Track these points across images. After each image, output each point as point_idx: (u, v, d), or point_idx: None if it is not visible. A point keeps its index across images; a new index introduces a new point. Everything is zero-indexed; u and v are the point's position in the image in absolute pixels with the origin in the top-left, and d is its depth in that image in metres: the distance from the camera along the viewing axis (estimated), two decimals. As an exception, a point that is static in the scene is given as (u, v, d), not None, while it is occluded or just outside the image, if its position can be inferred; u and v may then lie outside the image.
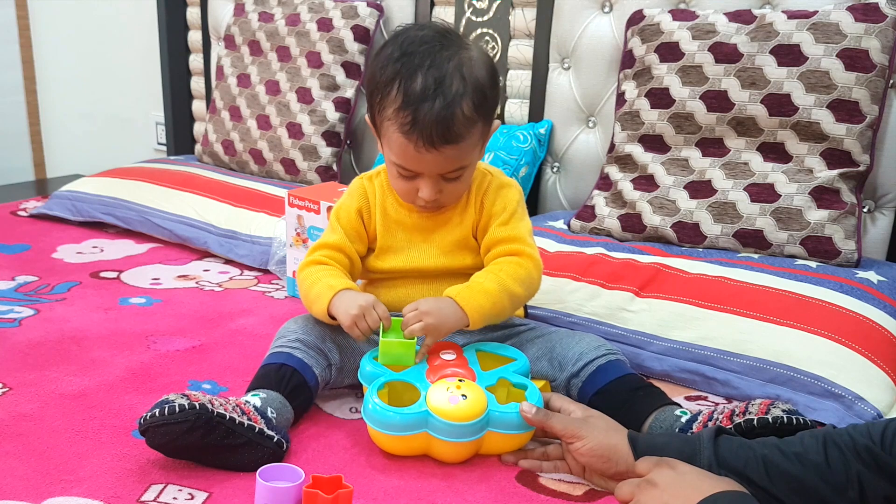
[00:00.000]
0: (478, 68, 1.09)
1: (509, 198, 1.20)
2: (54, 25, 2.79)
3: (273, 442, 0.99)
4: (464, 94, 1.06)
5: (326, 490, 0.87)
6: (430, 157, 1.07)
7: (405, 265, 1.21)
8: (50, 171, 2.92)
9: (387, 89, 1.07)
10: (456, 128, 1.05)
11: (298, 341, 1.13)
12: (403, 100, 1.05)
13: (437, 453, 1.03)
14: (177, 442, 0.96)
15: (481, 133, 1.11)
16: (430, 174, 1.11)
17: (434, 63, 1.05)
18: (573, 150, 1.86)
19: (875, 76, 1.43)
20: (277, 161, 2.09)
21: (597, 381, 1.12)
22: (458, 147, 1.08)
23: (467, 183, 1.17)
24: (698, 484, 0.81)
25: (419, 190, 1.12)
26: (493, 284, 1.13)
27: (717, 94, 1.52)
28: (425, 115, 1.04)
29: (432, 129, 1.04)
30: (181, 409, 0.94)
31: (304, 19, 2.09)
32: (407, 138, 1.06)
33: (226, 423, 0.96)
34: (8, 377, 1.21)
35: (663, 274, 1.41)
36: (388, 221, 1.21)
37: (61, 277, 1.66)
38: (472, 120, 1.07)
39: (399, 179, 1.14)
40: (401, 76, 1.06)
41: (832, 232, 1.44)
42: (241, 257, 1.76)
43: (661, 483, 0.83)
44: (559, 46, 1.84)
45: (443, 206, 1.17)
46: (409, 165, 1.10)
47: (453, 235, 1.20)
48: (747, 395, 1.20)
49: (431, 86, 1.04)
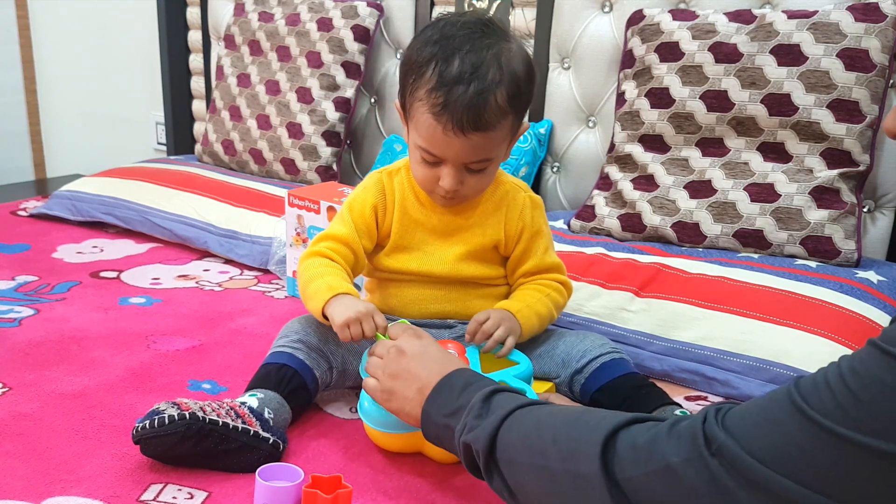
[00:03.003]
0: (516, 61, 1.06)
1: (545, 219, 1.22)
2: (54, 25, 2.79)
3: (268, 444, 0.99)
4: (500, 83, 1.03)
5: (326, 490, 0.87)
6: (457, 142, 1.04)
7: (418, 268, 1.18)
8: (50, 171, 2.92)
9: (422, 70, 1.04)
10: (487, 115, 1.03)
11: (301, 342, 1.13)
12: (438, 80, 1.03)
13: (432, 452, 1.03)
14: (170, 452, 0.96)
15: (511, 128, 1.09)
16: (455, 162, 1.08)
17: (473, 48, 1.03)
18: (573, 149, 1.86)
19: (875, 76, 1.43)
20: (277, 161, 2.09)
21: (599, 378, 1.12)
22: (487, 136, 1.05)
23: (490, 179, 1.14)
24: (440, 358, 0.95)
25: (440, 179, 1.09)
26: (545, 310, 1.18)
27: (717, 94, 1.52)
28: (458, 97, 1.02)
29: (463, 113, 1.02)
30: (171, 421, 0.94)
31: (304, 19, 2.09)
32: (437, 120, 1.04)
33: (218, 430, 0.96)
34: (8, 377, 1.21)
35: (663, 274, 1.41)
36: (408, 221, 1.18)
37: (61, 277, 1.65)
38: (504, 111, 1.05)
39: (421, 165, 1.11)
40: (437, 58, 1.03)
41: (832, 232, 1.44)
42: (241, 257, 1.76)
43: (408, 351, 0.96)
44: (559, 46, 1.84)
45: (462, 199, 1.14)
46: (434, 150, 1.07)
47: (472, 244, 1.18)
48: (747, 395, 1.20)
49: (468, 70, 1.02)
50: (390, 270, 1.21)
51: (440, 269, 1.18)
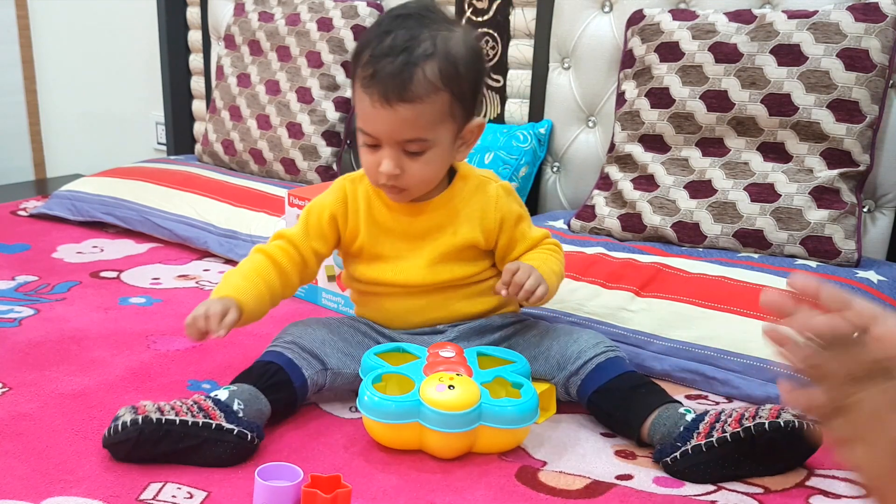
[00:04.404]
0: (455, 42, 1.06)
1: (519, 200, 1.22)
2: (54, 25, 2.79)
3: (233, 435, 0.98)
4: (430, 56, 1.04)
5: (325, 489, 0.87)
6: (384, 114, 1.04)
7: (393, 278, 1.17)
8: (50, 171, 2.93)
9: (361, 56, 1.07)
10: (414, 86, 1.03)
11: (293, 343, 1.13)
12: (370, 57, 1.05)
13: (429, 446, 1.03)
14: (133, 455, 0.97)
15: (449, 109, 1.07)
16: (389, 141, 1.07)
17: (408, 28, 1.05)
18: (573, 149, 1.86)
19: (875, 76, 1.43)
20: (277, 161, 2.09)
21: (596, 379, 1.11)
22: (415, 109, 1.04)
23: (435, 168, 1.12)
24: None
25: (380, 164, 1.08)
26: (558, 267, 1.18)
27: (717, 94, 1.52)
28: (384, 67, 1.03)
29: (388, 81, 1.03)
30: (123, 427, 0.96)
31: (304, 19, 2.09)
32: (366, 91, 1.05)
33: (175, 428, 0.96)
34: (8, 377, 1.21)
35: (663, 273, 1.41)
36: (375, 228, 1.18)
37: (61, 277, 1.66)
38: (434, 86, 1.04)
39: (364, 151, 1.11)
40: (373, 41, 1.06)
41: (832, 232, 1.44)
42: (241, 257, 1.73)
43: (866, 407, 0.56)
44: (559, 46, 1.84)
45: (406, 189, 1.12)
46: (367, 126, 1.08)
47: (445, 245, 1.17)
48: (747, 394, 1.20)
49: (399, 45, 1.03)
50: (366, 281, 1.20)
51: (415, 278, 1.17)
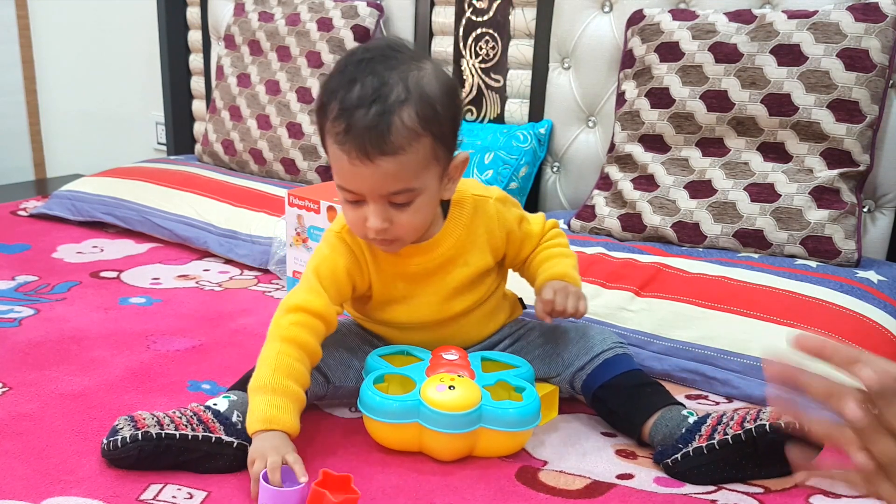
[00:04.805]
0: (428, 80, 0.97)
1: (516, 204, 1.19)
2: (54, 25, 2.79)
3: (232, 448, 0.98)
4: (405, 102, 0.95)
5: (335, 489, 0.87)
6: (366, 171, 0.96)
7: (408, 319, 1.14)
8: (50, 171, 2.93)
9: (328, 106, 0.98)
10: (393, 137, 0.94)
11: None
12: (339, 109, 0.96)
13: (429, 447, 1.03)
14: (135, 468, 0.97)
15: (432, 154, 0.99)
16: (373, 196, 0.99)
17: (374, 72, 0.96)
18: (573, 149, 1.86)
19: (875, 76, 1.43)
20: (277, 161, 2.09)
21: (602, 375, 1.10)
22: (397, 161, 0.95)
23: (424, 214, 1.03)
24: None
25: (367, 219, 1.00)
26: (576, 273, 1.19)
27: (717, 94, 1.52)
28: (358, 120, 0.94)
29: (365, 136, 0.94)
30: (123, 444, 0.95)
31: (304, 19, 2.09)
32: (341, 149, 0.96)
33: (176, 443, 0.96)
34: (8, 377, 1.21)
35: (663, 273, 1.41)
36: (385, 276, 1.11)
37: (61, 277, 1.66)
38: (415, 133, 0.95)
39: (347, 207, 1.03)
40: (339, 89, 0.97)
41: (832, 232, 1.44)
42: (241, 257, 1.76)
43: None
44: (559, 46, 1.84)
45: (397, 240, 1.04)
46: (348, 184, 0.99)
47: (458, 280, 1.12)
48: (747, 394, 1.20)
49: (369, 94, 0.94)
50: (378, 321, 1.18)
51: (429, 315, 1.14)
